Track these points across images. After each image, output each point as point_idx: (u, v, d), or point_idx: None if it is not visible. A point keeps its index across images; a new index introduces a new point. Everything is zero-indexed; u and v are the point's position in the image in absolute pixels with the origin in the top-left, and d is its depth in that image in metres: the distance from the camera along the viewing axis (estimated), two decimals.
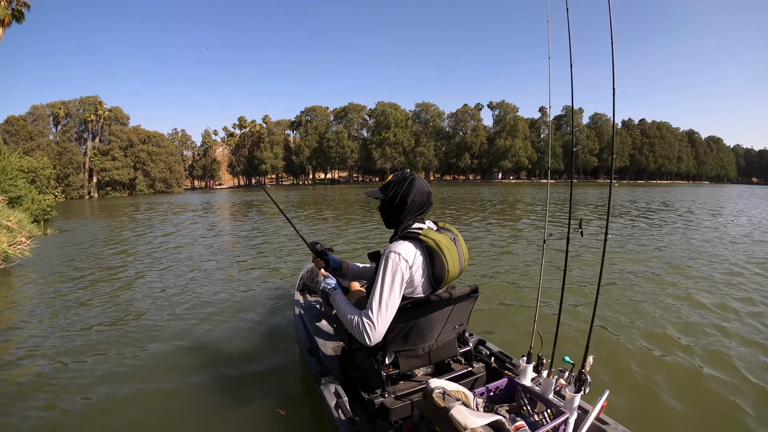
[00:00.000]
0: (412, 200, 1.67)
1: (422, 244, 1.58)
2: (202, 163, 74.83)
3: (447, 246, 1.59)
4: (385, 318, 1.55)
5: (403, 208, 1.68)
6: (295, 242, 8.17)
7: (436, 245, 1.57)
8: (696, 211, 14.86)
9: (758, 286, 4.70)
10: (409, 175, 1.73)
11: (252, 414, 2.37)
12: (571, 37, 1.68)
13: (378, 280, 1.55)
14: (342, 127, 73.03)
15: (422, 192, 1.69)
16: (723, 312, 3.80)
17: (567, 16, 1.70)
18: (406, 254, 1.55)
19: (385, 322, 1.55)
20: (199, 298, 4.64)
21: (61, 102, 57.45)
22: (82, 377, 2.86)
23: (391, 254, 1.55)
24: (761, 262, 5.94)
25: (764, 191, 44.28)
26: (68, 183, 53.41)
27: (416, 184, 1.69)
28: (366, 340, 1.56)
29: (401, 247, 1.57)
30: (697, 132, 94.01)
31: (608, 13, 1.52)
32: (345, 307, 1.70)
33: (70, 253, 7.85)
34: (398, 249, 1.56)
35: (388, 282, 1.53)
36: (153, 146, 60.47)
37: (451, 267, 1.59)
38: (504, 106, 75.33)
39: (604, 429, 1.52)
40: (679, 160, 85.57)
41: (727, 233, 9.01)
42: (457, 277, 1.68)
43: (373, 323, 1.54)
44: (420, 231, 1.61)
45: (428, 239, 1.57)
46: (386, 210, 1.74)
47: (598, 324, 3.31)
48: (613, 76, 1.58)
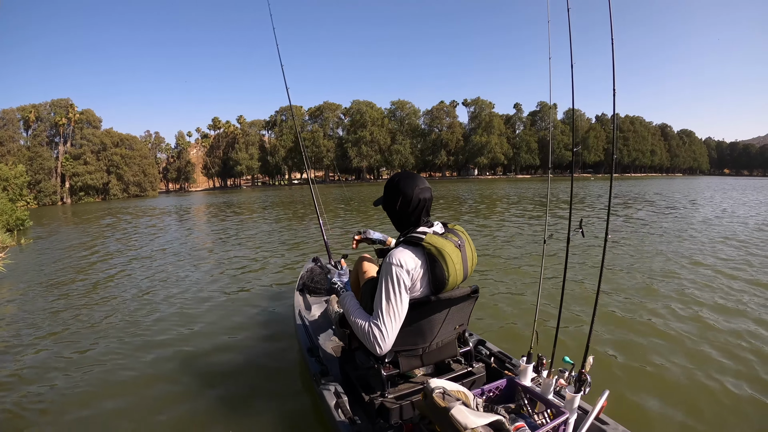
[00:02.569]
0: (401, 206, 1.67)
1: (423, 251, 1.57)
2: (176, 166, 75.84)
3: (450, 253, 1.58)
4: (395, 327, 1.58)
5: (395, 214, 1.71)
6: (293, 242, 8.30)
7: (438, 252, 1.56)
8: (688, 205, 15.32)
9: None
10: (396, 179, 1.71)
11: (252, 414, 2.41)
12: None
13: (382, 289, 1.57)
14: (317, 126, 74.80)
15: (407, 195, 1.65)
16: (726, 311, 3.78)
17: (567, 17, 1.73)
18: (406, 261, 1.55)
19: (395, 331, 1.58)
20: (196, 301, 4.70)
21: (32, 105, 57.87)
22: (79, 386, 2.87)
23: (392, 263, 1.55)
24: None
25: (736, 182, 46.09)
26: (40, 189, 53.75)
27: (401, 187, 1.67)
28: (377, 350, 1.59)
29: (401, 254, 1.57)
30: (669, 126, 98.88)
31: (608, 13, 1.58)
32: (356, 312, 1.71)
33: (49, 264, 7.55)
34: (398, 256, 1.56)
35: (392, 291, 1.55)
36: (126, 149, 61.28)
37: (452, 274, 1.58)
38: (479, 103, 77.96)
39: (604, 429, 1.53)
40: (653, 153, 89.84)
41: (723, 227, 9.11)
42: (460, 283, 1.68)
43: (383, 334, 1.56)
44: (423, 236, 1.59)
45: (430, 245, 1.56)
46: (389, 215, 1.76)
47: (598, 324, 3.33)
48: (614, 77, 1.65)
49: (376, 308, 1.60)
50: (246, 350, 3.28)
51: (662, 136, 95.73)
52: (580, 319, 3.52)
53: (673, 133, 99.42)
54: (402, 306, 1.57)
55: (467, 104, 79.49)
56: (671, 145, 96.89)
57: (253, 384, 2.76)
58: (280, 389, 2.66)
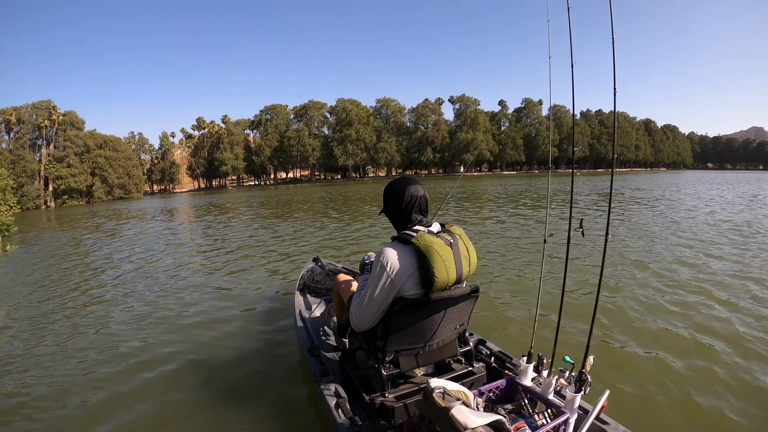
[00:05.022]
0: (395, 204, 1.80)
1: (413, 248, 1.66)
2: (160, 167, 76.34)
3: (439, 251, 1.64)
4: (366, 313, 1.75)
5: (392, 214, 1.85)
6: (293, 243, 8.46)
7: (426, 249, 1.63)
8: (681, 198, 15.83)
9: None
10: (391, 182, 1.86)
11: (252, 414, 2.47)
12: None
13: (370, 278, 1.75)
14: (303, 125, 75.97)
15: (399, 192, 1.78)
16: (731, 309, 3.76)
17: (568, 15, 1.81)
18: (392, 257, 1.66)
19: (367, 316, 1.76)
20: (196, 302, 4.77)
21: (13, 108, 58.33)
22: (84, 389, 2.92)
23: (380, 259, 1.69)
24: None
25: (719, 176, 46.78)
26: (23, 193, 53.99)
27: (395, 186, 1.82)
28: (353, 324, 1.84)
29: (389, 250, 1.69)
30: (653, 121, 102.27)
31: (609, 12, 1.63)
32: (358, 290, 1.94)
33: (39, 270, 7.57)
34: (386, 252, 1.68)
35: (374, 281, 1.70)
36: (110, 151, 62.08)
37: (440, 272, 1.64)
38: (464, 100, 79.75)
39: (605, 429, 1.55)
40: (637, 148, 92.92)
41: (724, 221, 9.39)
42: (456, 282, 1.73)
43: (357, 314, 1.79)
44: (414, 234, 1.68)
45: (418, 243, 1.64)
46: (390, 218, 1.89)
47: (599, 323, 3.35)
48: (614, 76, 1.72)
49: (363, 292, 1.80)
50: (246, 350, 3.35)
51: (646, 132, 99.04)
52: (580, 318, 3.49)
53: (657, 129, 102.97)
54: (380, 298, 1.71)
55: (453, 101, 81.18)
56: (655, 140, 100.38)
57: (254, 384, 2.82)
58: (281, 389, 2.72)
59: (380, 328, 1.81)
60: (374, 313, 1.76)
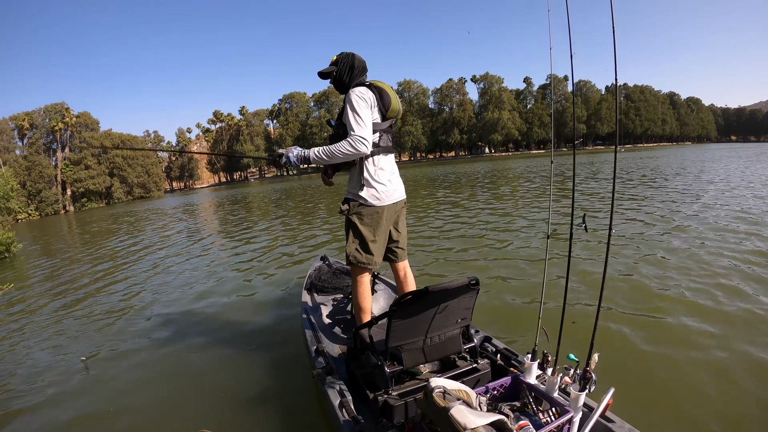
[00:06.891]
0: (358, 65, 2.27)
1: (371, 86, 2.15)
2: (179, 163, 74.86)
3: (388, 88, 2.20)
4: (368, 129, 2.05)
5: (352, 72, 2.26)
6: (302, 241, 8.25)
7: (381, 86, 2.18)
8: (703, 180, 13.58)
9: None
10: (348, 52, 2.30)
11: (256, 411, 2.52)
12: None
13: (349, 112, 2.05)
14: (325, 111, 74.20)
15: (361, 59, 2.29)
16: (738, 302, 3.63)
17: (566, 9, 1.81)
18: (361, 90, 2.09)
19: (369, 132, 2.06)
20: (204, 299, 4.91)
21: (25, 113, 56.73)
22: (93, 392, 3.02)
23: (352, 93, 2.07)
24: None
25: (750, 149, 42.81)
26: (41, 199, 52.88)
27: (356, 55, 2.29)
28: (364, 148, 2.03)
29: (356, 88, 2.11)
30: (677, 94, 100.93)
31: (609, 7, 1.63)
32: (325, 148, 2.10)
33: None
34: (355, 89, 2.10)
35: (357, 107, 2.04)
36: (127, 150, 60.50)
37: (394, 100, 2.19)
38: (488, 79, 78.26)
39: (610, 427, 1.57)
40: (664, 122, 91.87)
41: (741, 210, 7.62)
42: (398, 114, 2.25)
43: (361, 136, 2.02)
44: (367, 81, 2.19)
45: (374, 83, 2.18)
46: (339, 79, 2.29)
47: (603, 320, 3.35)
48: (615, 71, 1.71)
49: (349, 127, 2.04)
50: (252, 347, 3.41)
51: (671, 105, 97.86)
52: (585, 314, 3.47)
53: (681, 102, 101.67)
54: (367, 113, 2.06)
55: (476, 80, 79.61)
56: (680, 114, 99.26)
57: (259, 381, 2.88)
58: (286, 387, 2.78)
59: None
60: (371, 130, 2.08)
